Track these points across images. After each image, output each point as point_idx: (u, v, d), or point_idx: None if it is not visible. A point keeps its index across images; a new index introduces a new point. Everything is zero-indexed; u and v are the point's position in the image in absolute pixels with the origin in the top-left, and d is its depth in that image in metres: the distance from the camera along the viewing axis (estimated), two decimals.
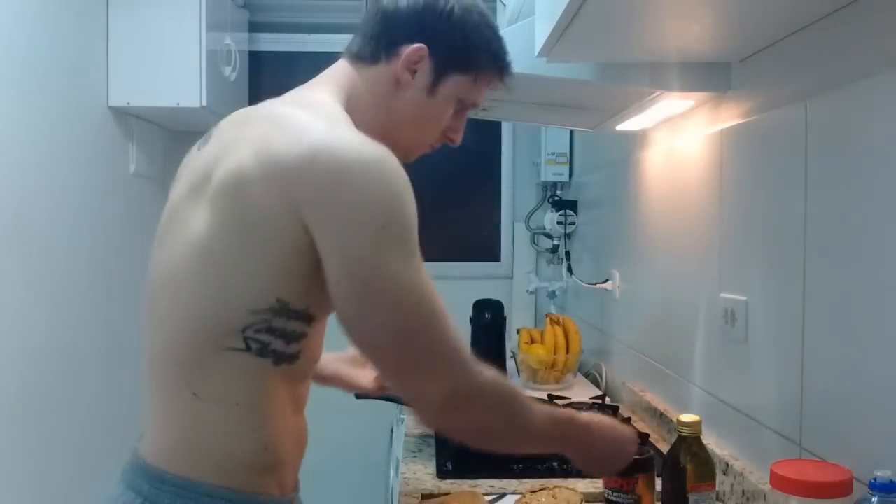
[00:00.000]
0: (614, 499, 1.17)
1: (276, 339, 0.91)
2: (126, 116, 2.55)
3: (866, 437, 0.99)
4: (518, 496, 1.32)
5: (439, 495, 1.37)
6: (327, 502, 3.28)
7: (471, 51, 1.04)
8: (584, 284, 2.62)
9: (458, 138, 1.13)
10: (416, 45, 1.01)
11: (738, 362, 1.37)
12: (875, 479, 0.86)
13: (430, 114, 1.06)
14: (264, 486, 0.96)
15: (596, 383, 2.39)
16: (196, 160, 0.99)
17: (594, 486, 1.38)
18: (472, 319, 2.60)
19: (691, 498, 1.15)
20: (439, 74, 1.03)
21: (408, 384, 0.92)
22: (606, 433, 1.09)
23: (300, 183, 0.86)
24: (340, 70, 1.06)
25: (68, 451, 2.18)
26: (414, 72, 1.03)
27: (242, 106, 1.05)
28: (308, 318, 0.93)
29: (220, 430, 0.92)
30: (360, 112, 1.01)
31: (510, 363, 2.51)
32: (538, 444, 1.05)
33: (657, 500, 1.19)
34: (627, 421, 1.82)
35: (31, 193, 2.02)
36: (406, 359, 0.90)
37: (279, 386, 0.94)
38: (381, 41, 1.04)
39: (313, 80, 1.07)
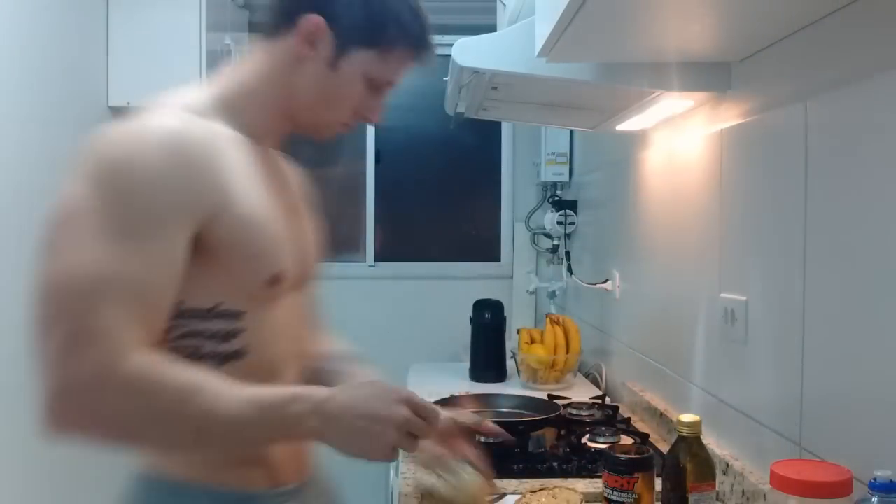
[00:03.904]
0: (614, 498, 1.17)
1: (207, 340, 0.90)
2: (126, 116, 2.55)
3: (866, 437, 0.99)
4: (518, 496, 1.32)
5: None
6: None
7: (375, 24, 0.95)
8: (584, 284, 2.62)
9: (377, 117, 1.04)
10: (312, 16, 0.94)
11: (738, 362, 1.37)
12: (875, 479, 0.85)
13: (334, 90, 0.98)
14: (250, 480, 0.96)
15: (596, 383, 2.39)
16: None
17: (594, 486, 1.38)
18: (472, 319, 2.60)
19: (691, 498, 1.15)
20: (341, 48, 0.96)
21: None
22: (356, 408, 0.87)
23: None
24: (254, 49, 1.02)
25: (68, 452, 2.17)
26: (313, 45, 0.95)
27: None
28: (229, 314, 0.91)
29: None
30: (265, 91, 0.98)
31: (510, 363, 2.51)
32: (234, 436, 0.87)
33: (657, 500, 1.19)
34: (627, 421, 1.82)
35: (31, 193, 2.01)
36: (36, 335, 0.83)
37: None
38: (280, 13, 0.98)
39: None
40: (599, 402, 1.97)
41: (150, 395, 0.82)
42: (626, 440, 1.65)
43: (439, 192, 3.26)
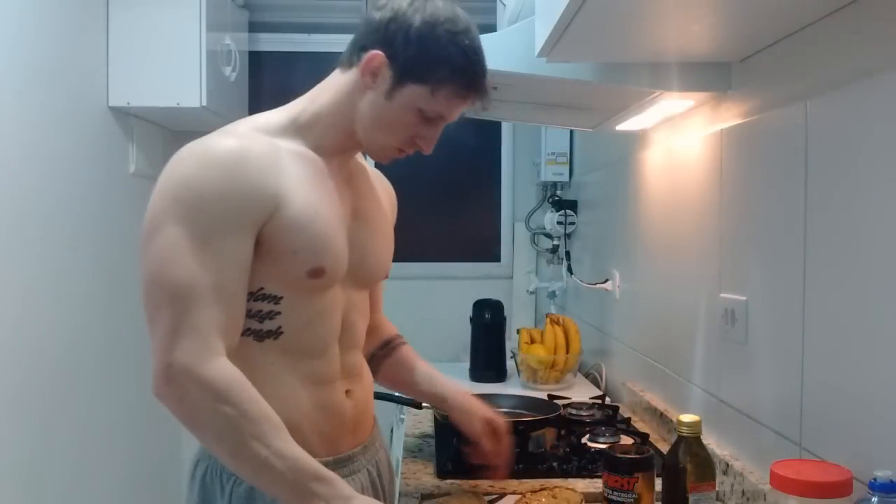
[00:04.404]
0: (614, 498, 1.17)
1: (249, 319, 1.06)
2: (126, 116, 2.55)
3: (866, 437, 0.99)
4: (518, 496, 1.32)
5: (439, 495, 1.37)
6: None
7: (427, 63, 1.08)
8: (584, 284, 2.62)
9: (428, 148, 1.16)
10: (374, 52, 1.09)
11: (738, 362, 1.37)
12: (875, 479, 0.86)
13: (387, 117, 1.12)
14: (306, 449, 1.02)
15: (596, 383, 2.39)
16: None
17: (594, 486, 1.38)
18: (472, 319, 2.60)
19: (691, 498, 1.15)
20: (397, 82, 1.09)
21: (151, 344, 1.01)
22: None
23: None
24: (330, 76, 1.17)
25: (68, 452, 2.17)
26: (375, 76, 1.10)
27: (242, 106, 1.09)
28: (268, 297, 1.07)
29: None
30: (334, 112, 1.14)
31: (510, 363, 2.51)
32: (264, 474, 0.98)
33: (657, 500, 1.20)
34: (627, 421, 1.82)
35: (32, 193, 2.02)
36: (147, 320, 1.01)
37: (270, 360, 1.08)
38: (354, 47, 1.13)
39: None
40: (599, 402, 1.97)
41: (216, 401, 0.97)
42: (626, 440, 1.65)
43: (439, 192, 3.26)
